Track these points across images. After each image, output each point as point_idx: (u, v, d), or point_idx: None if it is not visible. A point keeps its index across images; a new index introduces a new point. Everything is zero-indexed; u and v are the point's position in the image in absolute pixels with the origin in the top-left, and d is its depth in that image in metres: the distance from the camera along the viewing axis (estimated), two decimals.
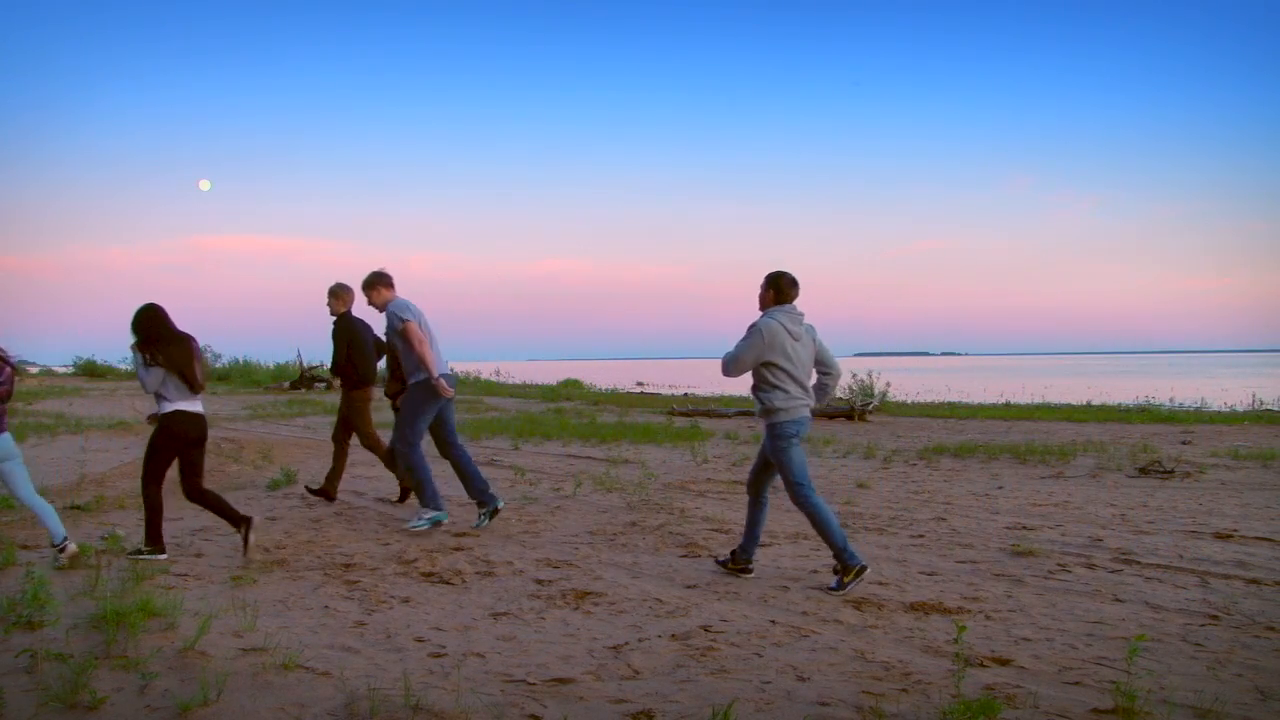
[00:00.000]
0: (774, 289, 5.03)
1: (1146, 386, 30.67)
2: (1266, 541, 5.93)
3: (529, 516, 6.99)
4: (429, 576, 5.07)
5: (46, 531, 5.36)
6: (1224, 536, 6.10)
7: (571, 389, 29.47)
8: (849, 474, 9.47)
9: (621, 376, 45.88)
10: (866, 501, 7.70)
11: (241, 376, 33.08)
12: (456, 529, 6.46)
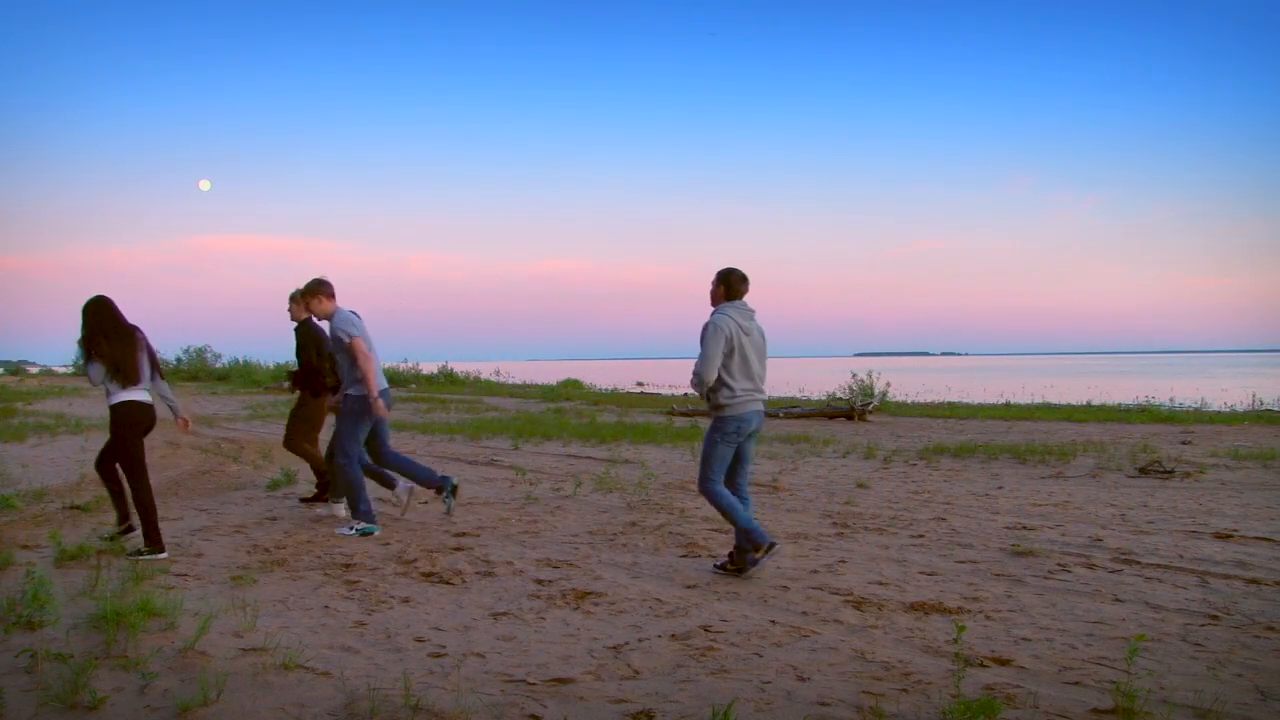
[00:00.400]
0: (725, 285, 5.16)
1: (1146, 386, 30.67)
2: (1266, 541, 5.93)
3: (529, 516, 6.99)
4: (429, 576, 5.07)
5: None
6: (1224, 536, 6.10)
7: (571, 389, 29.47)
8: (849, 474, 9.47)
9: (621, 376, 45.89)
10: (866, 501, 7.70)
11: (241, 376, 33.12)
12: (456, 529, 6.46)
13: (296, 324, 7.35)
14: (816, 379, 37.48)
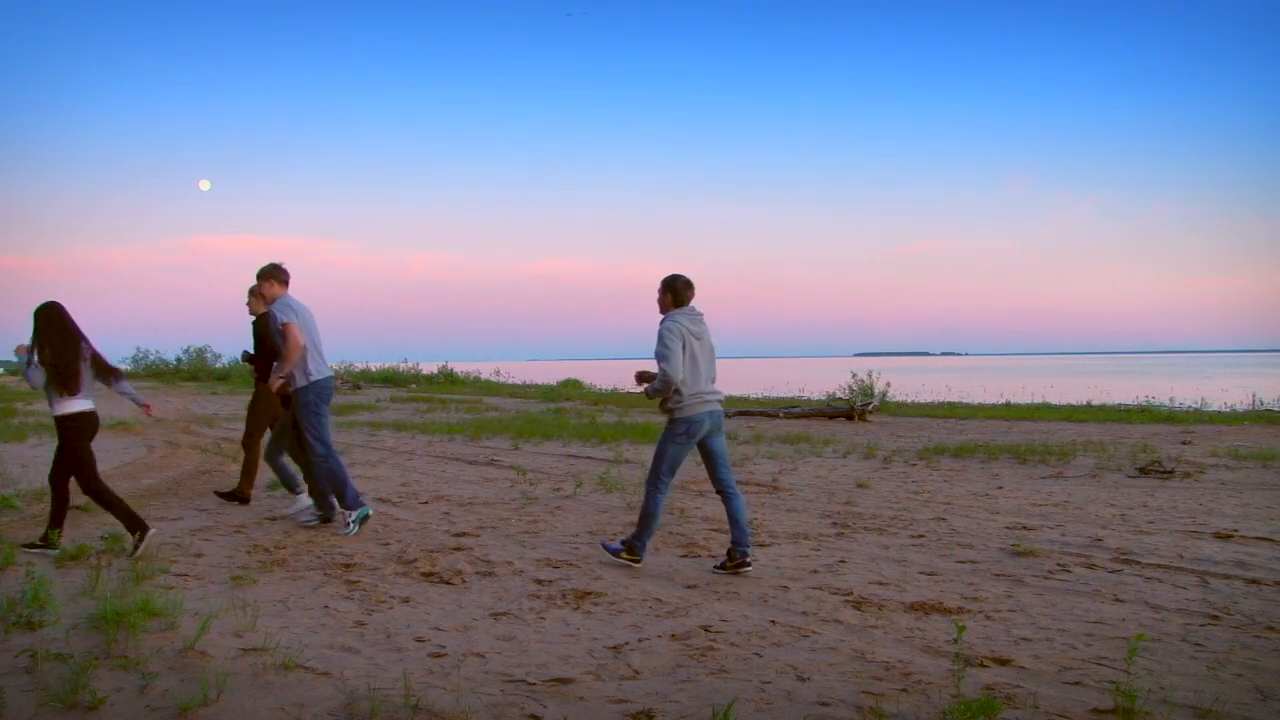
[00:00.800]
0: (671, 293, 5.26)
1: (1146, 386, 30.68)
2: (1266, 541, 5.93)
3: (529, 516, 6.99)
4: (429, 576, 5.07)
5: None
6: (1224, 536, 6.10)
7: (571, 389, 29.47)
8: (849, 474, 9.47)
9: (622, 376, 45.80)
10: (866, 501, 7.70)
11: (241, 377, 33.06)
12: (456, 529, 6.46)
13: (255, 318, 7.21)
14: (816, 379, 37.48)
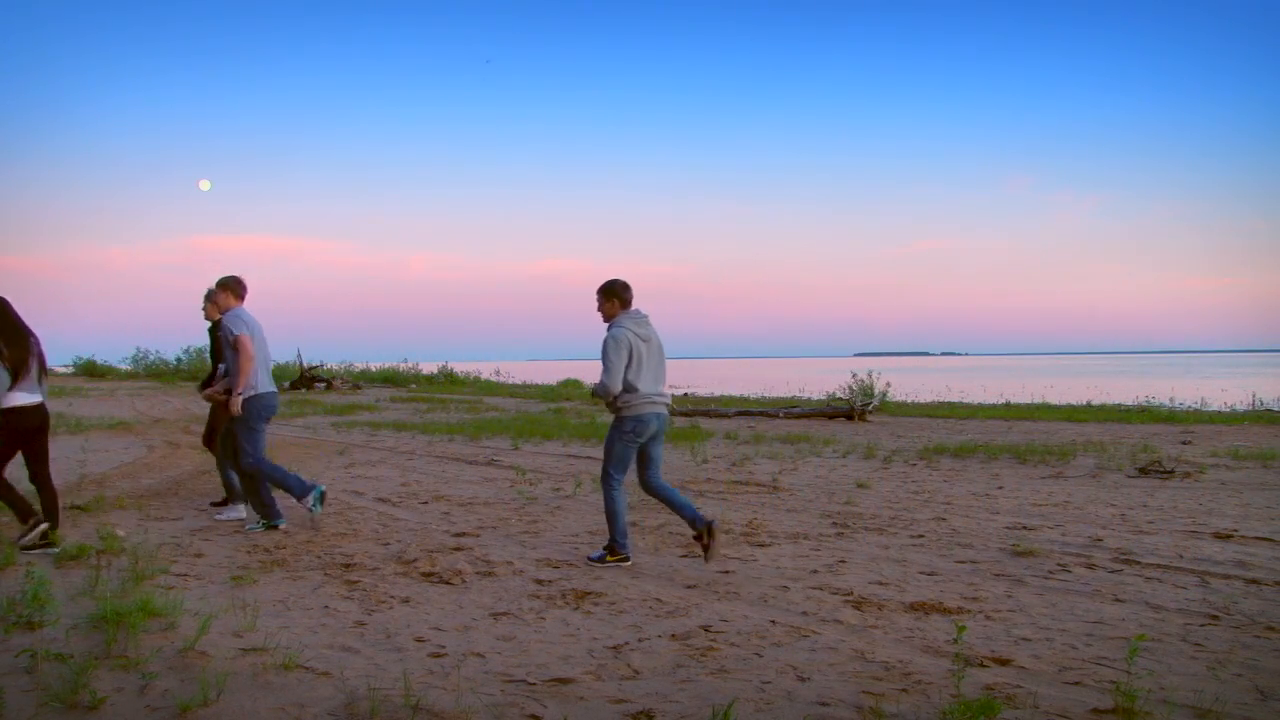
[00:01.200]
0: (617, 299, 5.44)
1: (1146, 386, 30.69)
2: (1266, 541, 5.93)
3: (529, 516, 6.99)
4: (429, 576, 5.07)
5: None
6: (1224, 536, 6.10)
7: (571, 389, 29.46)
8: (849, 474, 9.47)
9: None
10: (866, 501, 7.70)
11: None
12: (456, 529, 6.46)
13: (210, 324, 7.16)
14: (816, 379, 37.51)
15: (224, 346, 6.41)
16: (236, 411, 6.33)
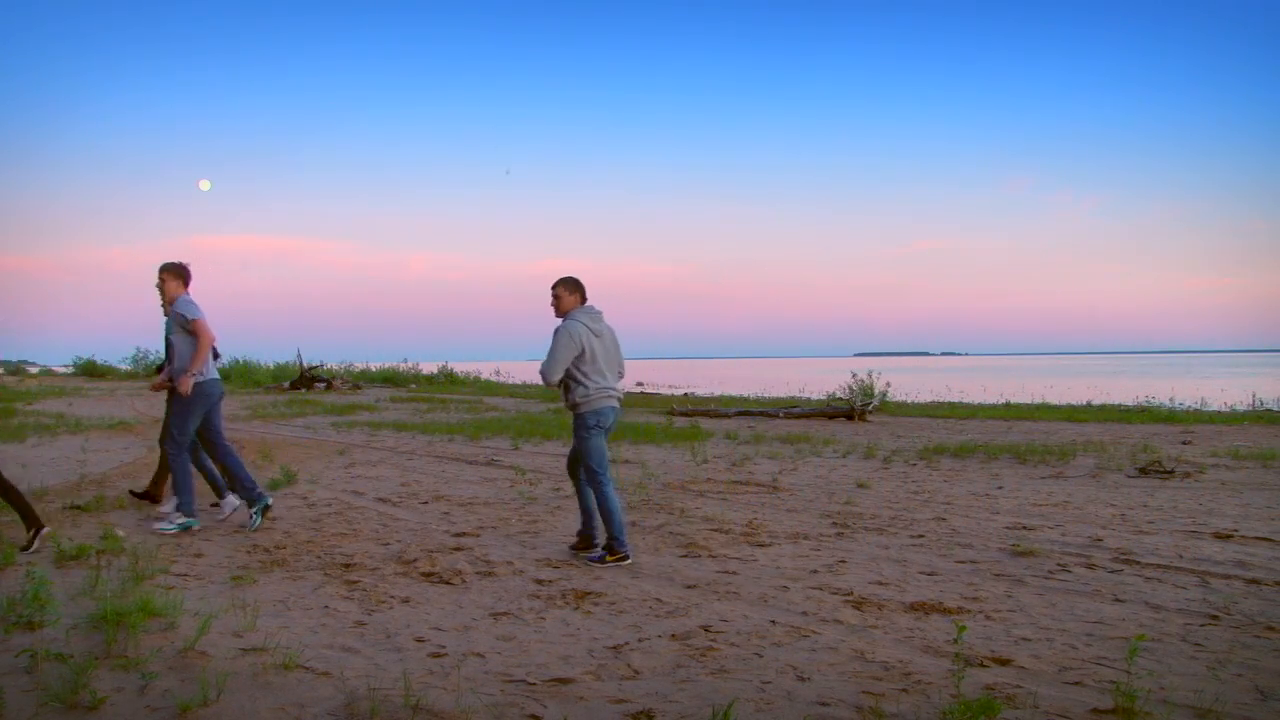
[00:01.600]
0: (577, 293, 5.51)
1: (1146, 386, 30.69)
2: (1266, 541, 5.93)
3: (529, 516, 6.99)
4: (429, 576, 5.07)
5: None
6: (1224, 536, 6.10)
7: None
8: (849, 474, 9.47)
9: None
10: (866, 501, 7.70)
11: (241, 376, 33.07)
12: (456, 529, 6.46)
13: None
14: (816, 379, 37.50)
15: (176, 332, 6.32)
16: (186, 391, 6.27)
